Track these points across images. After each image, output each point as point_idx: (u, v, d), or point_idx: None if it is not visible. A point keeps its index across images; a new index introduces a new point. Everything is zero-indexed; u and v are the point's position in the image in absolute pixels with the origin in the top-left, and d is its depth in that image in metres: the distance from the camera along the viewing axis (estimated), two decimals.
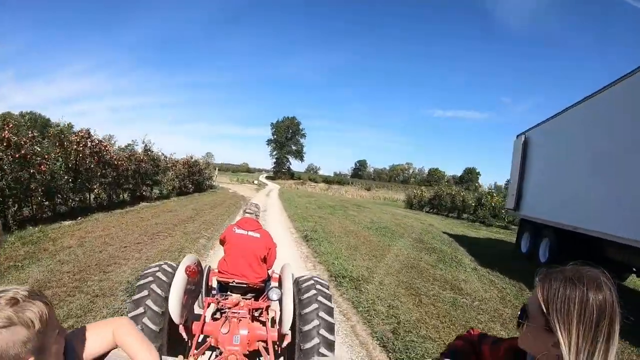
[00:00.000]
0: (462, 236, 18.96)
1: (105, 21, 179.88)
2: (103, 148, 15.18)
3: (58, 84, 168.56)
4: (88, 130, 14.12)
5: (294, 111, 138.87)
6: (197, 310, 4.44)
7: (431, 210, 37.57)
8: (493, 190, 38.97)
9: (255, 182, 67.04)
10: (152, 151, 20.81)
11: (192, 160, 29.21)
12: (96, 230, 11.26)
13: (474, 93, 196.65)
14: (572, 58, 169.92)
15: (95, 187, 14.91)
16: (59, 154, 12.23)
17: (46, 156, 11.15)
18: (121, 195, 18.28)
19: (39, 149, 10.86)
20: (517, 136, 15.94)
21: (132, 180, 18.43)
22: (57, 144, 12.40)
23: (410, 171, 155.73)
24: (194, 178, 29.30)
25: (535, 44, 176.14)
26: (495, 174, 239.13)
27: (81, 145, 13.28)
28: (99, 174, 14.90)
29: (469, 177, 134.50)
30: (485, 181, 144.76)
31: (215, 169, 47.54)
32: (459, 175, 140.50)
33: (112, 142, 20.75)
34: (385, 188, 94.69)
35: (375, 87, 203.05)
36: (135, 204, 18.51)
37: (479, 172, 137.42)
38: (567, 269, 1.25)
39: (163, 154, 26.21)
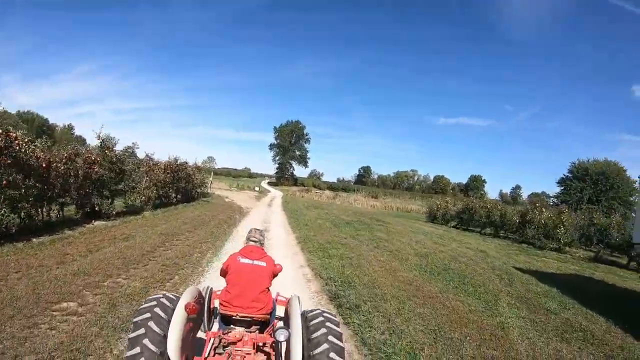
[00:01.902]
0: (543, 274, 13.25)
1: (109, 24, 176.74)
2: (13, 140, 9.62)
3: (62, 86, 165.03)
4: None
5: (298, 116, 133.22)
6: (200, 334, 4.08)
7: (459, 226, 32.11)
8: (548, 199, 33.42)
9: (257, 188, 61.06)
10: (113, 150, 15.04)
11: (177, 163, 23.47)
12: None
13: (478, 101, 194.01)
14: (571, 66, 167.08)
15: None
16: None
17: None
18: (59, 213, 12.62)
19: None
20: None
21: (75, 191, 12.74)
22: None
23: (415, 178, 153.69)
24: (180, 186, 23.68)
25: (538, 52, 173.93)
26: (500, 181, 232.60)
27: None
28: (3, 182, 9.32)
29: (475, 184, 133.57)
30: (491, 189, 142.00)
31: (210, 174, 41.90)
32: (465, 182, 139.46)
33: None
34: (391, 196, 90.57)
35: (380, 94, 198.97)
36: (83, 223, 12.94)
37: (484, 180, 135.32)
38: None
39: (143, 154, 20.84)
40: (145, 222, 14.94)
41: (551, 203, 60.81)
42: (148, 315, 3.38)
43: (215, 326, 4.31)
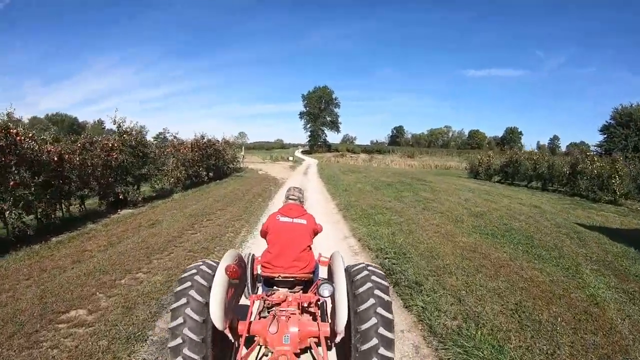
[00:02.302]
0: (610, 231, 11.41)
1: (126, 14, 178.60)
2: (13, 136, 8.75)
3: (85, 83, 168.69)
4: None
5: (325, 82, 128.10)
6: (244, 301, 3.93)
7: (504, 180, 30.04)
8: (592, 152, 30.35)
9: (290, 158, 60.19)
10: (131, 133, 14.11)
11: (204, 140, 22.55)
12: None
13: (506, 49, 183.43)
14: (606, 8, 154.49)
15: (5, 206, 8.46)
16: None
17: None
18: (81, 207, 11.96)
19: None
20: None
21: (96, 182, 12.00)
22: None
23: (450, 134, 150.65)
24: (210, 163, 22.83)
25: None
26: (537, 133, 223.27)
27: None
28: (11, 182, 8.49)
29: (511, 137, 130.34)
30: (528, 141, 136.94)
31: (242, 149, 41.09)
32: (500, 135, 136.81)
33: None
34: (427, 154, 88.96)
35: (405, 52, 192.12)
36: (108, 214, 12.23)
37: (521, 132, 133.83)
38: None
39: (167, 136, 20.06)
40: (174, 204, 14.13)
41: (593, 152, 57.44)
42: (189, 283, 3.23)
43: (259, 290, 4.17)
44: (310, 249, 4.05)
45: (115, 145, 13.03)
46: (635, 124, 58.47)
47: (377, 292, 3.15)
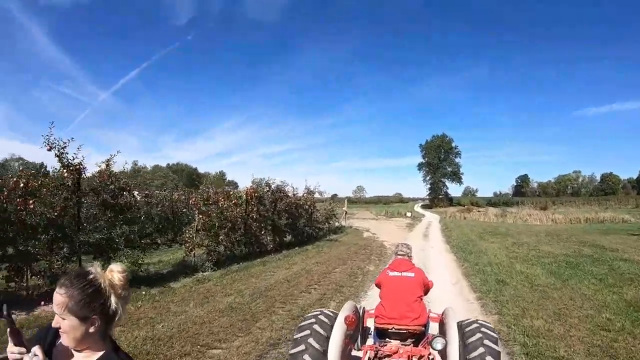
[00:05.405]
0: None
1: (250, 79, 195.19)
2: None
3: (214, 140, 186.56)
4: None
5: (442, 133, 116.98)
6: (353, 352, 4.15)
7: None
8: None
9: (409, 214, 50.69)
10: (77, 167, 7.45)
11: (270, 189, 15.45)
12: None
13: (625, 80, 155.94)
14: None
15: None
16: None
17: None
18: None
19: None
20: None
21: None
22: None
23: (580, 180, 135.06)
24: (281, 223, 15.11)
25: None
26: None
27: None
28: None
29: None
30: None
31: (344, 203, 33.67)
32: (635, 177, 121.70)
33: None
34: (562, 204, 77.39)
35: (518, 96, 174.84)
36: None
37: None
38: None
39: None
40: (141, 310, 6.91)
41: None
42: (308, 332, 3.50)
43: (370, 341, 4.25)
44: (422, 300, 4.06)
45: (32, 184, 6.45)
46: None
47: (486, 341, 3.29)
